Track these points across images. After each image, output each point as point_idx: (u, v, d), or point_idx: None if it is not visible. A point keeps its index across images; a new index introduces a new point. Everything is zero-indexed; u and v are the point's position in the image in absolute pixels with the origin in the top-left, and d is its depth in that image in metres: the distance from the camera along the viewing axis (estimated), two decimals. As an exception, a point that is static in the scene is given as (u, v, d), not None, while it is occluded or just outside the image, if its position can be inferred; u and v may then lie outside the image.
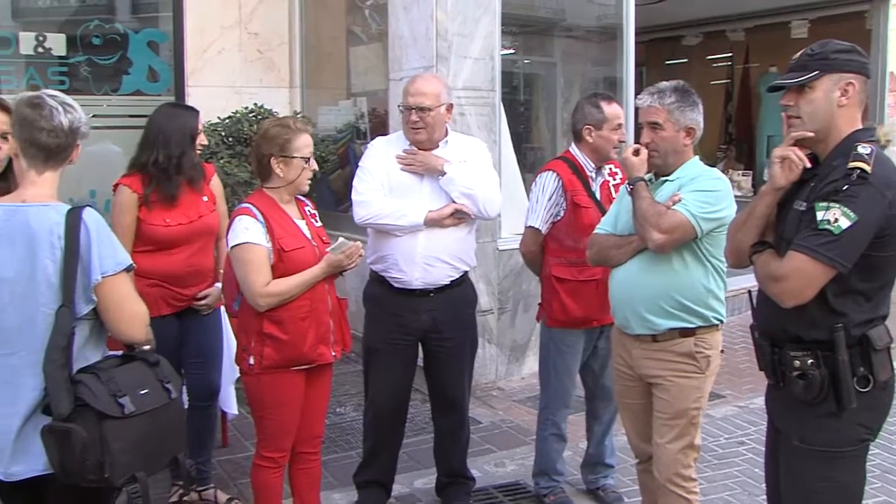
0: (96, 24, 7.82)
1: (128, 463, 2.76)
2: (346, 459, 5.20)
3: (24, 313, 2.79)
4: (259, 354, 3.76)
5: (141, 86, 7.90)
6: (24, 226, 2.80)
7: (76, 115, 2.91)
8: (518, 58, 9.00)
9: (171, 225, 4.31)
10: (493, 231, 6.64)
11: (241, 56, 8.03)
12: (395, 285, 4.39)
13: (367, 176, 4.41)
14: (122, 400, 2.75)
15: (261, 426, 3.92)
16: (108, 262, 2.82)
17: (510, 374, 6.95)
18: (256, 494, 4.02)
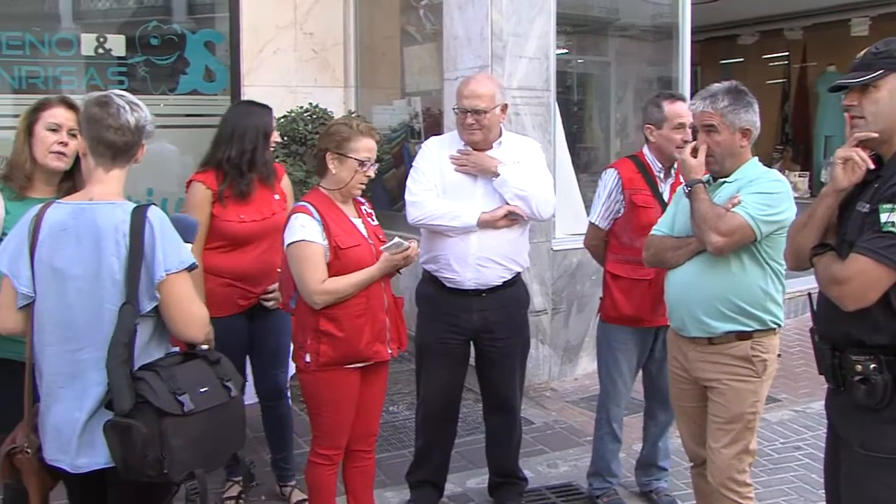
0: (154, 26, 7.94)
1: (186, 460, 2.78)
2: (398, 458, 5.21)
3: (90, 310, 2.84)
4: (315, 352, 3.78)
5: (197, 85, 8.00)
6: (91, 223, 2.85)
7: (142, 113, 2.96)
8: (572, 57, 8.96)
9: (245, 221, 4.34)
10: (548, 231, 6.62)
11: (296, 56, 8.09)
12: (448, 285, 4.39)
13: (421, 176, 4.42)
14: (181, 398, 2.77)
15: (316, 423, 3.94)
16: (172, 260, 2.85)
17: (563, 375, 6.93)
18: (311, 491, 4.05)
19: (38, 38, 7.63)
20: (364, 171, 3.86)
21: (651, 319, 4.51)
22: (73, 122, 3.45)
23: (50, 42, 7.66)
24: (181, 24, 8.09)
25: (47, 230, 2.87)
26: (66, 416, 2.87)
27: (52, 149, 3.44)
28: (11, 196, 3.46)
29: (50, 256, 2.86)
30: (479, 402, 5.00)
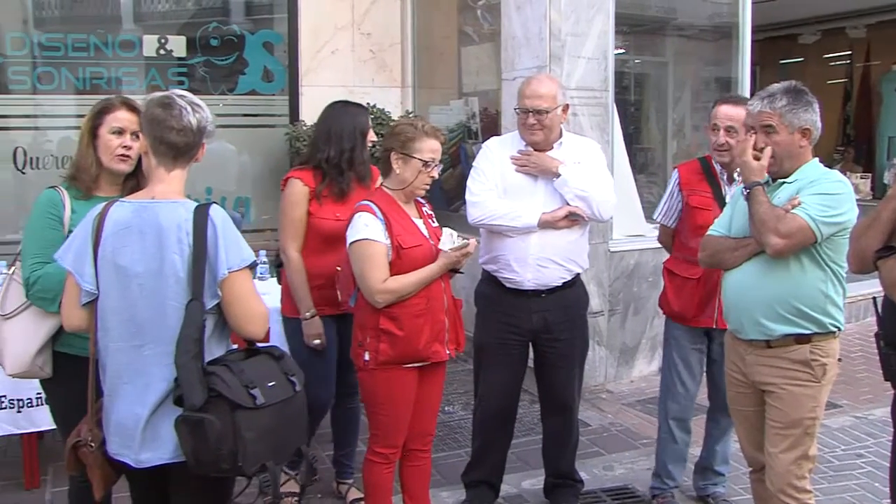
0: (214, 27, 8.05)
1: (258, 452, 2.82)
2: (454, 458, 5.23)
3: (153, 307, 2.87)
4: (374, 350, 3.80)
5: (256, 86, 8.11)
6: (154, 221, 2.89)
7: (204, 114, 2.99)
8: (629, 57, 8.92)
9: (340, 220, 4.31)
10: (605, 233, 6.59)
11: (353, 56, 8.15)
12: (507, 285, 4.39)
13: (482, 176, 4.43)
14: (253, 391, 2.81)
15: (374, 422, 3.96)
16: (234, 258, 2.88)
17: (620, 377, 6.89)
18: (367, 490, 4.07)
19: (101, 39, 7.79)
20: (428, 171, 3.87)
21: (697, 319, 4.51)
22: (135, 125, 3.49)
23: (113, 43, 7.82)
24: (240, 25, 8.20)
25: (110, 228, 2.92)
26: (129, 412, 2.91)
27: (117, 152, 3.48)
28: (78, 195, 3.50)
29: (113, 254, 2.90)
30: (535, 403, 4.98)
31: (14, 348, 3.45)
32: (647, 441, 5.60)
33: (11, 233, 7.73)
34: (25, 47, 7.71)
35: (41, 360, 3.45)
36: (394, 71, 8.35)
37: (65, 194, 3.49)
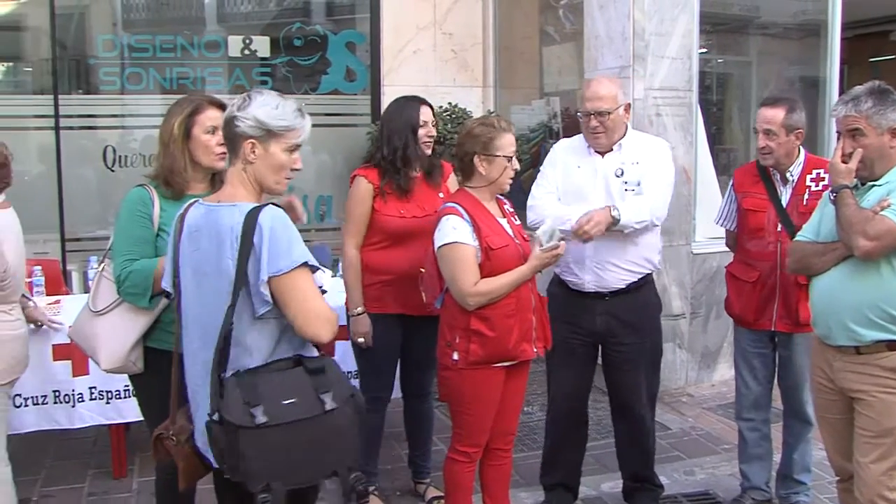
0: (298, 27, 8.15)
1: (260, 471, 2.71)
2: (532, 458, 5.19)
3: (216, 309, 2.84)
4: (464, 350, 3.80)
5: (339, 85, 8.20)
6: (215, 224, 2.87)
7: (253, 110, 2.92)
8: (711, 57, 8.78)
9: (405, 216, 4.37)
10: (688, 234, 6.51)
11: (435, 56, 8.18)
12: (571, 287, 4.37)
13: (543, 180, 4.43)
14: (253, 410, 2.69)
15: (458, 421, 3.96)
16: (283, 261, 2.77)
17: (700, 381, 6.80)
18: (448, 488, 4.08)
19: (188, 40, 7.94)
20: (511, 165, 3.87)
21: (757, 322, 4.45)
22: None
23: (199, 44, 7.97)
24: (323, 25, 8.28)
25: (187, 230, 2.95)
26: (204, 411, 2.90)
27: (216, 150, 3.50)
28: (167, 193, 3.53)
29: (189, 255, 2.93)
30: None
31: (108, 344, 3.50)
32: (728, 446, 5.51)
33: (101, 229, 7.94)
34: (116, 49, 7.90)
35: (134, 356, 3.52)
36: (475, 71, 8.36)
37: (153, 192, 3.52)
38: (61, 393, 4.89)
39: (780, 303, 4.36)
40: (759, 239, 4.40)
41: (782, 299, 4.35)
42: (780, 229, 4.32)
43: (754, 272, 4.38)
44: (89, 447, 5.63)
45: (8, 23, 8.30)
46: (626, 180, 4.26)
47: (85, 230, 7.88)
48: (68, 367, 4.86)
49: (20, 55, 8.37)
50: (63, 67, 7.92)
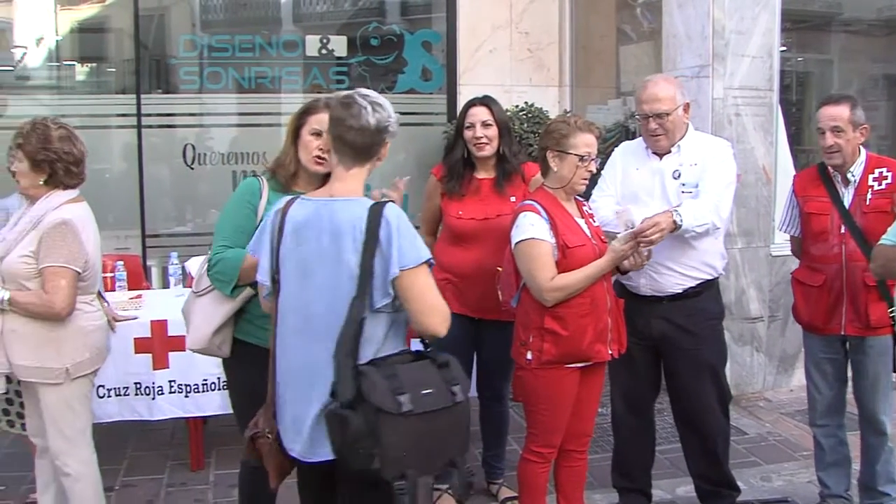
0: (374, 26, 8.19)
1: (399, 459, 2.77)
2: (607, 461, 5.12)
3: (328, 304, 2.90)
4: (538, 350, 3.79)
5: (415, 84, 8.22)
6: (331, 219, 2.92)
7: (384, 114, 3.01)
8: (791, 55, 8.63)
9: (461, 217, 4.41)
10: (766, 236, 6.40)
11: (511, 55, 8.16)
12: (628, 290, 4.32)
13: (603, 183, 4.41)
14: (400, 397, 2.75)
15: (532, 421, 3.95)
16: (409, 257, 2.87)
17: (778, 385, 6.68)
18: (522, 488, 4.06)
19: (266, 40, 8.04)
20: (585, 166, 3.83)
21: (827, 327, 4.37)
22: None
23: (277, 44, 8.06)
24: (399, 25, 8.30)
25: (291, 225, 2.98)
26: (300, 407, 2.97)
27: (314, 153, 3.54)
28: (277, 187, 3.60)
29: (293, 250, 2.97)
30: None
31: (196, 325, 3.62)
32: (807, 453, 5.39)
33: (179, 225, 8.10)
34: (196, 49, 8.04)
35: (219, 340, 3.59)
36: (551, 70, 8.31)
37: (264, 184, 3.60)
38: (142, 385, 5.00)
39: (849, 306, 4.26)
40: (823, 242, 4.31)
41: (850, 302, 4.26)
42: (844, 231, 4.23)
43: (820, 276, 4.31)
44: (167, 439, 5.75)
45: (92, 25, 8.49)
46: (683, 182, 4.20)
47: (164, 227, 8.05)
48: (149, 361, 4.96)
49: (104, 56, 8.57)
50: (145, 67, 8.08)
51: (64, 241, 3.70)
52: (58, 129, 3.82)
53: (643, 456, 4.60)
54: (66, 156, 3.79)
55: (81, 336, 3.86)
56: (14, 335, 3.75)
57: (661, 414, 5.02)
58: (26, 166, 3.79)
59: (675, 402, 4.51)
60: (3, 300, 3.71)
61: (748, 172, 6.25)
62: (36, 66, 8.36)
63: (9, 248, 3.77)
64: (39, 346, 3.76)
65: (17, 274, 3.73)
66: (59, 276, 3.68)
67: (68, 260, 3.70)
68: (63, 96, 8.32)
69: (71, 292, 3.71)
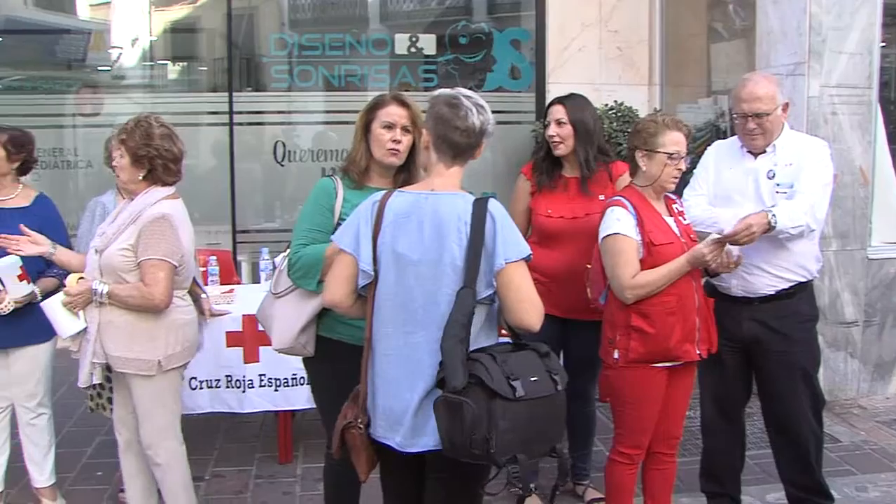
0: (463, 25, 8.21)
1: (511, 442, 2.80)
2: (695, 464, 5.04)
3: (428, 294, 2.94)
4: (625, 348, 3.77)
5: (503, 83, 8.22)
6: (434, 212, 2.96)
7: (487, 116, 3.04)
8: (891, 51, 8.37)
9: (551, 216, 4.38)
10: (863, 238, 6.23)
11: (600, 53, 8.09)
12: (719, 290, 4.23)
13: (695, 182, 4.33)
14: (514, 383, 2.79)
15: (619, 421, 3.92)
16: (512, 250, 2.91)
17: (874, 392, 6.50)
18: (609, 490, 4.03)
19: (356, 38, 8.11)
20: (674, 164, 3.79)
21: None
22: (405, 119, 3.58)
23: (367, 42, 8.13)
24: (489, 23, 8.29)
25: (391, 217, 3.01)
26: (398, 398, 2.98)
27: (388, 146, 3.57)
28: (351, 185, 3.64)
29: (392, 241, 2.99)
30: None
31: (280, 325, 3.66)
32: (903, 463, 5.26)
33: (268, 221, 8.23)
34: (286, 47, 8.16)
35: (304, 339, 3.63)
36: (641, 69, 8.21)
37: (339, 183, 3.64)
38: (233, 378, 5.09)
39: None
40: None
41: None
42: None
43: None
44: (256, 431, 5.85)
45: (185, 25, 8.70)
46: (777, 182, 4.10)
47: (254, 222, 8.19)
48: (240, 354, 5.06)
49: (195, 55, 8.77)
50: (236, 66, 8.23)
51: (163, 235, 3.81)
52: (160, 126, 3.93)
53: (733, 461, 4.51)
54: (166, 153, 3.90)
55: (174, 329, 3.96)
56: (110, 327, 3.86)
57: (752, 418, 4.93)
58: (127, 161, 3.89)
59: (766, 406, 4.40)
60: (103, 294, 3.81)
61: (844, 173, 6.08)
62: (131, 65, 8.61)
63: (107, 241, 3.88)
64: (134, 338, 3.87)
65: (116, 267, 3.83)
66: (158, 268, 3.79)
67: (166, 253, 3.81)
68: (156, 94, 8.59)
69: (169, 285, 3.82)
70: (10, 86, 8.39)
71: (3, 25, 8.52)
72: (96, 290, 3.82)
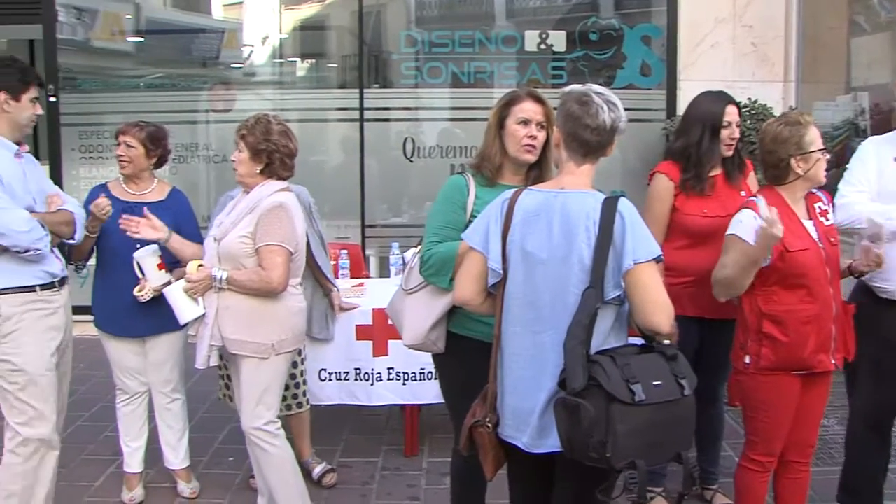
0: (593, 21, 8.13)
1: (629, 447, 2.77)
2: (828, 474, 4.90)
3: (555, 293, 2.93)
4: (756, 354, 3.70)
5: (634, 80, 8.12)
6: (562, 211, 2.94)
7: (619, 113, 3.00)
8: None
9: (707, 216, 4.25)
10: None
11: (734, 50, 7.91)
12: (881, 295, 4.06)
13: (852, 177, 4.16)
14: (633, 387, 2.75)
15: (751, 427, 3.84)
16: (641, 251, 2.86)
17: None
18: (739, 497, 3.96)
19: (485, 35, 8.13)
20: (824, 156, 3.73)
21: None
22: (540, 116, 3.58)
23: (496, 39, 8.13)
24: (619, 19, 8.20)
25: (520, 215, 3.01)
26: (524, 397, 2.99)
27: (523, 142, 3.56)
28: (483, 182, 3.65)
29: (522, 240, 2.99)
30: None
31: (412, 321, 3.70)
32: None
33: (396, 216, 8.31)
34: (416, 44, 8.23)
35: (435, 336, 3.66)
36: (776, 65, 7.99)
37: (470, 180, 3.65)
38: (362, 371, 5.16)
39: None
40: None
41: None
42: None
43: None
44: (382, 424, 5.92)
45: (314, 23, 8.87)
46: None
47: (381, 217, 8.31)
48: (369, 347, 5.13)
49: (325, 52, 8.92)
50: (365, 63, 8.33)
51: (280, 222, 3.96)
52: (278, 124, 4.11)
53: (876, 474, 4.33)
54: (283, 148, 4.07)
55: (287, 316, 4.11)
56: (228, 311, 4.01)
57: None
58: (247, 156, 4.06)
59: None
60: (222, 279, 3.98)
61: None
62: (262, 63, 8.81)
63: (225, 230, 4.05)
64: (251, 321, 4.01)
65: (235, 254, 4.00)
66: (276, 254, 3.94)
67: (283, 239, 3.96)
68: (286, 91, 8.79)
69: (286, 269, 3.96)
70: (150, 83, 8.72)
71: (145, 26, 8.87)
72: (216, 277, 3.97)
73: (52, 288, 4.08)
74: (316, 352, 5.05)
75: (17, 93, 3.97)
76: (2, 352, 3.95)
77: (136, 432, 4.86)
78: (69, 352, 4.32)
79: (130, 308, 4.51)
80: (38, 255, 3.95)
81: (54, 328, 4.09)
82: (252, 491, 4.78)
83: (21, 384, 3.97)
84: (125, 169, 4.60)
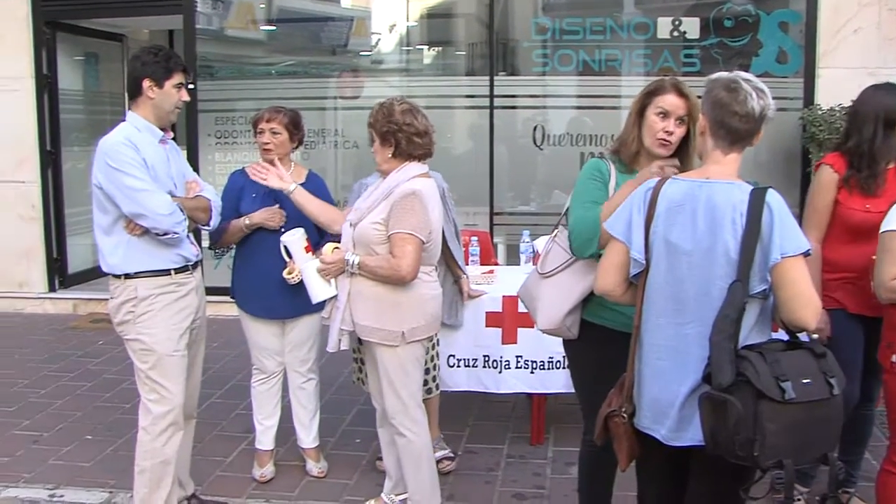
0: (728, 7, 7.94)
1: (777, 446, 2.71)
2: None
3: (700, 285, 2.87)
4: None
5: (770, 67, 7.88)
6: (708, 201, 2.88)
7: (767, 101, 2.92)
8: None
9: (870, 211, 4.08)
10: None
11: (878, 35, 7.60)
12: None
13: None
14: (783, 384, 2.68)
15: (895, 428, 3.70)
16: (789, 245, 2.79)
17: None
18: (879, 501, 3.81)
19: (616, 22, 8.03)
20: None
21: None
22: (681, 110, 3.48)
23: (628, 26, 8.02)
24: (755, 5, 7.98)
25: (664, 205, 2.96)
26: (666, 389, 2.95)
27: (659, 135, 3.49)
28: (622, 168, 3.61)
29: (665, 230, 2.94)
30: None
31: (547, 306, 3.67)
32: None
33: (523, 204, 8.29)
34: (547, 32, 8.19)
35: (570, 321, 3.63)
36: (924, 51, 7.66)
37: (611, 165, 3.61)
38: (490, 358, 5.16)
39: None
40: None
41: None
42: None
43: None
44: (508, 412, 5.93)
45: (441, 11, 8.91)
46: None
47: (510, 205, 8.32)
48: (498, 335, 5.12)
49: (452, 40, 8.94)
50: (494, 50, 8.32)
51: (412, 210, 3.94)
52: (400, 104, 4.08)
53: None
54: (406, 126, 4.02)
55: (420, 303, 4.08)
56: (360, 297, 4.04)
57: None
58: (378, 143, 4.08)
59: None
60: (354, 264, 4.00)
61: None
62: (390, 50, 8.88)
63: (361, 216, 4.06)
64: (382, 308, 4.02)
65: (368, 240, 4.01)
66: (406, 242, 3.92)
67: (415, 228, 3.93)
68: (413, 78, 8.89)
69: (416, 258, 3.94)
70: (282, 70, 8.93)
71: (277, 15, 9.09)
72: (349, 261, 4.00)
73: (186, 271, 4.18)
74: (445, 338, 5.07)
75: (161, 80, 4.05)
76: (136, 331, 4.08)
77: (269, 410, 4.97)
78: (203, 332, 4.43)
79: (274, 290, 4.64)
80: (175, 238, 4.05)
81: (186, 309, 4.18)
82: (379, 472, 4.85)
83: (151, 363, 4.08)
84: (270, 154, 4.69)
